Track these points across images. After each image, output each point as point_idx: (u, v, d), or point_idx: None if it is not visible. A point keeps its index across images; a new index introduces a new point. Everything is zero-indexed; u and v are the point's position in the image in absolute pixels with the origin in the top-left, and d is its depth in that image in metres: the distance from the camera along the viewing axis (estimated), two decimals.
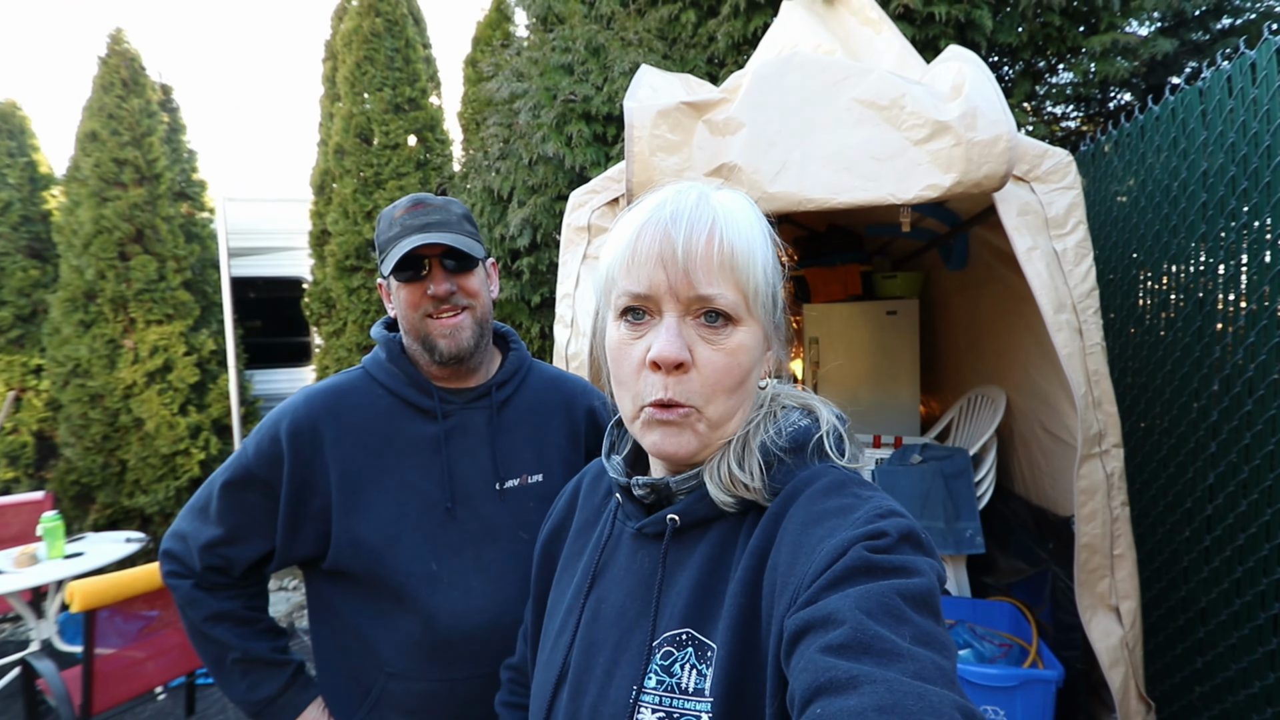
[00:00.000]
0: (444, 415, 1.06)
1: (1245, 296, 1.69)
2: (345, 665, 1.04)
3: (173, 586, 1.04)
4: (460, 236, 1.02)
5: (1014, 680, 1.77)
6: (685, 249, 0.56)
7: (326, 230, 4.86)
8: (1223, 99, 1.72)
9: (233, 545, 1.02)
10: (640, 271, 0.57)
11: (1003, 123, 1.47)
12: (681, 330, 0.57)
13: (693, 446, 0.58)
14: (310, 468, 1.00)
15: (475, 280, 1.06)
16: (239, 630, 1.04)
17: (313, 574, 1.06)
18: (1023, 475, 2.30)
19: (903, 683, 0.38)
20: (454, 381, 1.09)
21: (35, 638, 2.85)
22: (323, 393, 1.04)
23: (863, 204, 1.55)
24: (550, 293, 3.76)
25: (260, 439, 1.01)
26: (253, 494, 1.01)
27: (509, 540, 1.03)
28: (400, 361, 1.07)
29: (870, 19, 2.24)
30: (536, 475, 1.08)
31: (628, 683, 0.57)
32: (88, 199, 4.54)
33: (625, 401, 0.61)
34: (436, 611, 0.98)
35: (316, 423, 1.01)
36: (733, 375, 0.58)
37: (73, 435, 4.61)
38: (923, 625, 0.43)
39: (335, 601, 1.03)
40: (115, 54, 4.66)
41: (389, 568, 0.98)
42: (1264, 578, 1.61)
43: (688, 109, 1.62)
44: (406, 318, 1.04)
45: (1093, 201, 2.37)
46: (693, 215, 0.57)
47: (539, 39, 3.74)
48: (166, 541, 1.06)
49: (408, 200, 1.04)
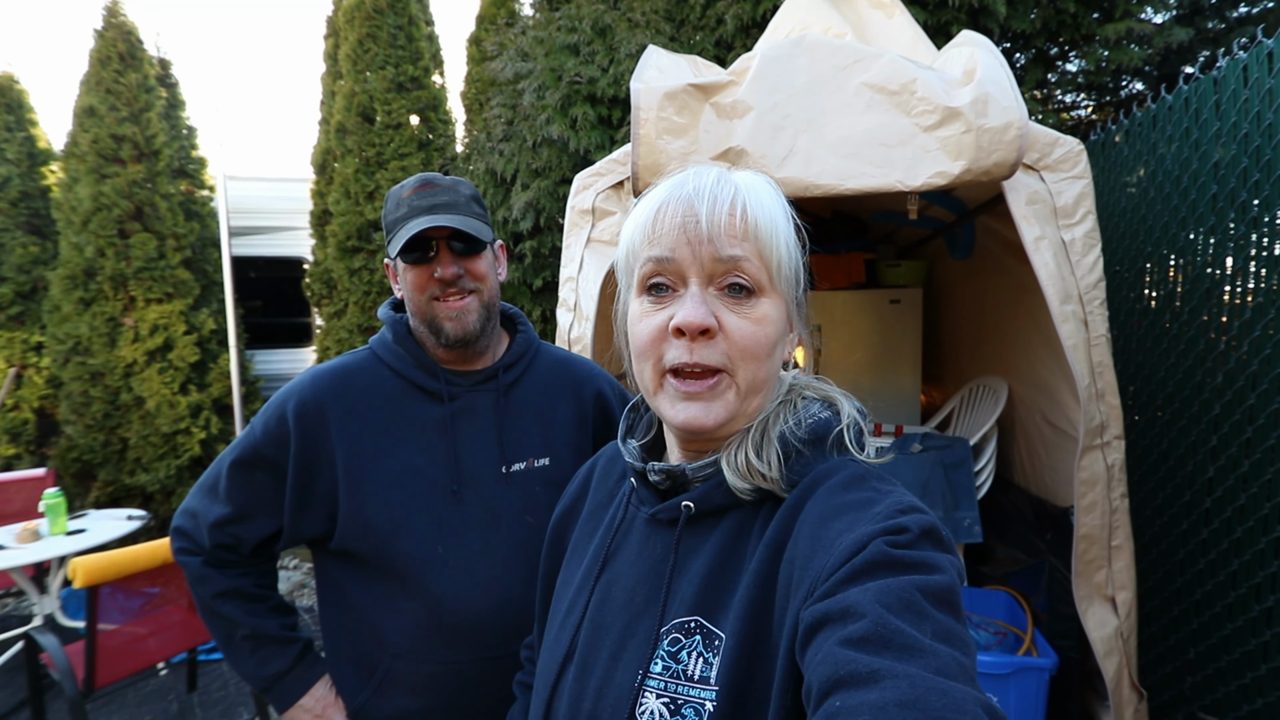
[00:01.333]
0: (450, 398, 1.05)
1: (1251, 291, 1.67)
2: (351, 646, 1.04)
3: (183, 563, 1.05)
4: (468, 219, 1.01)
5: (1008, 668, 1.78)
6: (709, 217, 0.55)
7: (328, 210, 4.83)
8: (1238, 89, 1.69)
9: (241, 523, 1.02)
10: (663, 240, 0.57)
11: (1014, 109, 1.45)
12: (705, 299, 0.56)
13: (721, 416, 0.57)
14: (316, 448, 1.00)
15: (483, 263, 1.05)
16: (248, 607, 1.04)
17: (320, 554, 1.07)
18: (1023, 466, 2.31)
19: (925, 678, 0.38)
20: (461, 364, 1.08)
21: (38, 613, 2.87)
22: (329, 373, 1.04)
23: (871, 190, 1.53)
24: (552, 276, 3.74)
25: (268, 419, 1.01)
26: (260, 473, 1.01)
27: (515, 524, 1.03)
28: (407, 343, 1.06)
29: (881, 3, 2.20)
30: (543, 459, 1.08)
31: (634, 667, 0.57)
32: (86, 175, 4.50)
33: (646, 372, 0.60)
34: (442, 595, 0.98)
35: (323, 403, 1.00)
36: (760, 343, 0.57)
37: (74, 413, 4.62)
38: (943, 622, 0.43)
39: (342, 582, 1.04)
40: (112, 26, 4.60)
41: (395, 550, 0.99)
42: (1260, 571, 1.62)
43: (695, 91, 1.60)
44: (413, 300, 1.03)
45: (1101, 191, 2.35)
46: (715, 188, 0.57)
47: (544, 18, 3.69)
48: (177, 519, 1.07)
49: (416, 180, 1.03)
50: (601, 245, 1.80)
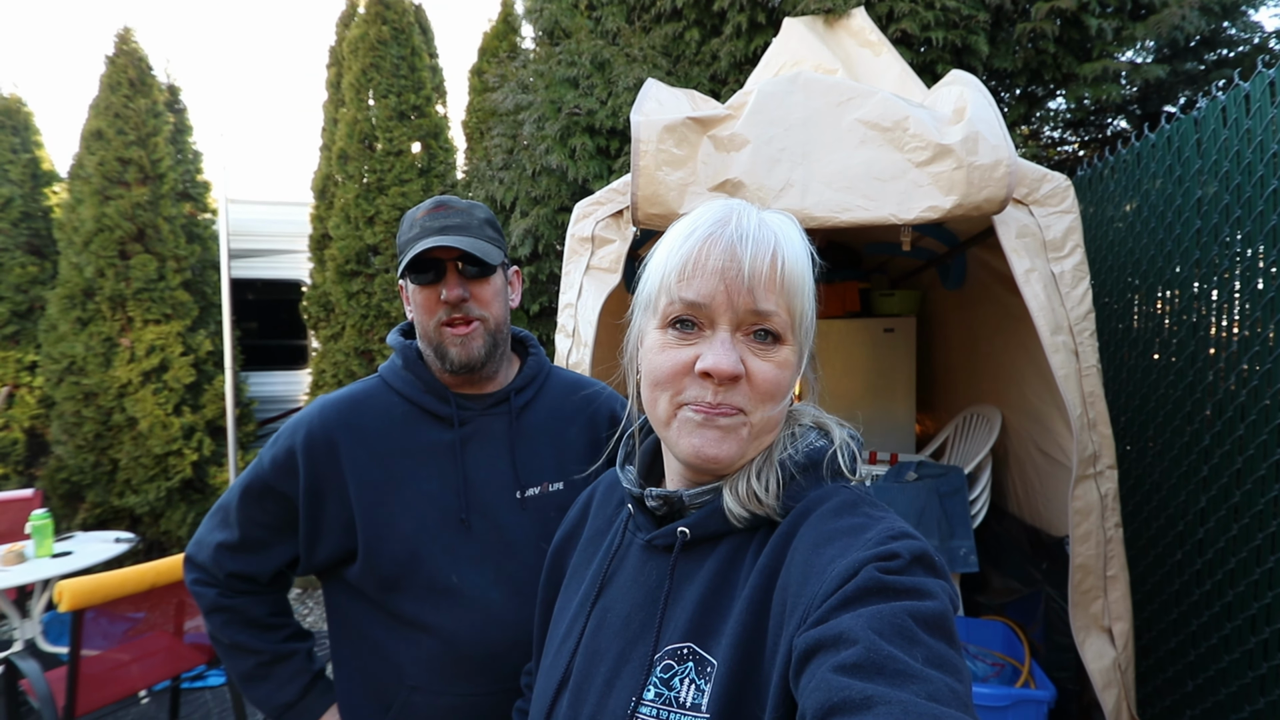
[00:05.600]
0: (461, 422, 1.04)
1: (1238, 323, 1.71)
2: (365, 678, 1.02)
3: (197, 594, 1.04)
4: (479, 241, 1.00)
5: (1006, 700, 1.76)
6: (751, 268, 0.56)
7: (327, 234, 4.87)
8: (1217, 128, 1.75)
9: (254, 552, 1.02)
10: (699, 283, 0.57)
11: (1003, 148, 1.50)
12: (735, 345, 0.57)
13: (734, 453, 0.58)
14: (326, 480, 0.99)
15: (490, 289, 1.03)
16: (263, 635, 1.04)
17: (332, 585, 1.05)
18: (1017, 495, 2.31)
19: (917, 704, 0.38)
20: (471, 388, 1.07)
21: (19, 637, 2.81)
22: (338, 402, 1.03)
23: (865, 223, 1.57)
24: (550, 302, 3.78)
25: (276, 451, 1.01)
26: (271, 503, 1.01)
27: (529, 552, 1.00)
28: (417, 368, 1.05)
29: (870, 41, 2.28)
30: (557, 484, 1.06)
31: (627, 694, 0.57)
32: (90, 197, 4.54)
33: (661, 402, 0.60)
34: (457, 627, 0.96)
35: (331, 434, 0.99)
36: (780, 388, 0.58)
37: (65, 433, 4.57)
38: (935, 648, 0.43)
39: (354, 614, 1.02)
40: (123, 53, 4.68)
41: (409, 582, 0.97)
42: (1254, 602, 1.62)
43: (693, 124, 1.65)
44: (421, 323, 1.03)
45: (1089, 225, 2.40)
46: (758, 235, 0.57)
47: (545, 52, 3.79)
48: (191, 548, 1.06)
49: (431, 202, 1.03)
50: (601, 272, 1.82)
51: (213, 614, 1.03)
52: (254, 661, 1.03)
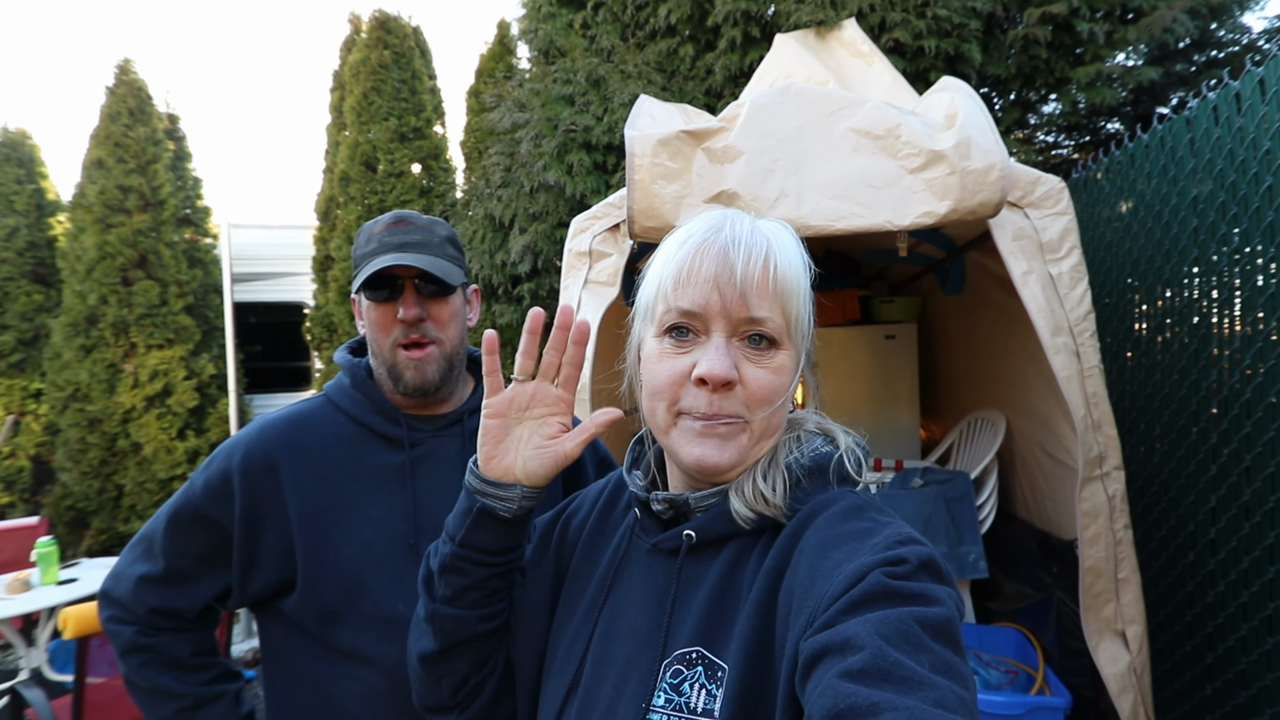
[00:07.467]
0: (412, 444, 0.99)
1: (1239, 319, 1.70)
2: (303, 718, 0.95)
3: (112, 633, 0.94)
4: (438, 260, 0.96)
5: (1021, 708, 1.74)
6: (743, 273, 0.57)
7: (330, 256, 4.92)
8: (1209, 127, 1.76)
9: (180, 585, 0.94)
10: (694, 290, 0.58)
11: (995, 152, 1.51)
12: (729, 350, 0.58)
13: (734, 459, 0.59)
14: (265, 505, 0.92)
15: (449, 309, 0.99)
16: (187, 678, 0.95)
17: (266, 618, 0.97)
18: (1025, 499, 2.30)
19: (925, 711, 0.38)
20: (422, 409, 1.02)
21: (25, 666, 2.80)
22: (279, 422, 0.97)
23: (860, 230, 1.57)
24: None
25: (210, 474, 0.93)
26: (201, 531, 0.93)
27: None
28: (366, 387, 1.00)
29: (861, 52, 2.31)
30: None
31: (637, 700, 0.57)
32: (92, 225, 4.59)
33: (659, 411, 0.60)
34: (401, 660, 0.89)
35: (271, 455, 0.93)
36: (776, 392, 0.59)
37: (70, 460, 4.59)
38: (942, 654, 0.43)
39: (291, 650, 0.95)
40: (123, 84, 4.76)
41: (352, 612, 0.91)
42: (1270, 602, 1.60)
43: (687, 137, 1.66)
44: (375, 340, 0.98)
45: (1086, 227, 2.41)
46: (750, 241, 0.58)
47: (541, 71, 3.83)
48: (107, 582, 0.96)
49: (390, 216, 0.99)
50: (599, 286, 1.83)
51: (129, 655, 0.93)
52: (174, 707, 0.93)
